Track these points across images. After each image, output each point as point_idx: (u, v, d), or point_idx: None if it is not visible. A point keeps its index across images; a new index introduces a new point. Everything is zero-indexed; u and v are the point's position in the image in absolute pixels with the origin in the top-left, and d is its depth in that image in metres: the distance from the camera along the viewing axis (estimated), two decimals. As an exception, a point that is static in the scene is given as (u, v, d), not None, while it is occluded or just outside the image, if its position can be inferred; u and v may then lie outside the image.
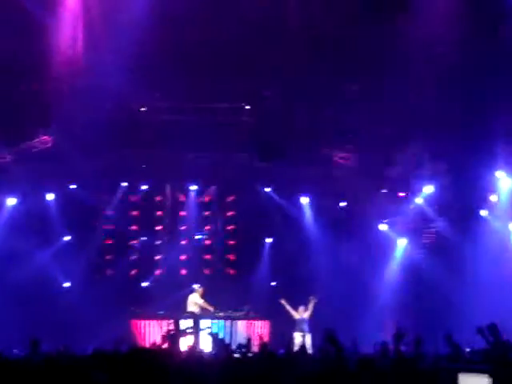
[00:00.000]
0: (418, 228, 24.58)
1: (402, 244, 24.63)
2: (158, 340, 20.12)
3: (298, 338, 21.33)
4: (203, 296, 22.02)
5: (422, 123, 21.64)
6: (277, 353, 12.14)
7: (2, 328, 20.15)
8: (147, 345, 20.97)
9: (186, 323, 20.90)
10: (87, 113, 22.11)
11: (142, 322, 22.32)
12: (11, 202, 23.83)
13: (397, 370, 7.92)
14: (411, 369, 8.02)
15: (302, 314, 22.12)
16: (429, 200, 23.93)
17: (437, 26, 20.02)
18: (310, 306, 22.06)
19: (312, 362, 10.30)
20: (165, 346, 14.46)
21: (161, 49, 20.96)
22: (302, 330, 21.88)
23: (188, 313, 21.58)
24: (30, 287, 23.28)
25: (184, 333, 19.64)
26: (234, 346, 16.94)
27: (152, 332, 22.02)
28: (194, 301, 21.89)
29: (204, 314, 21.79)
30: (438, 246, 24.23)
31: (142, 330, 22.28)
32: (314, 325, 21.65)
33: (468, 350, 13.31)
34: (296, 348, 15.64)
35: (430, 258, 24.13)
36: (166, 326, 20.91)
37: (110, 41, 20.26)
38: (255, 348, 14.75)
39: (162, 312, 22.33)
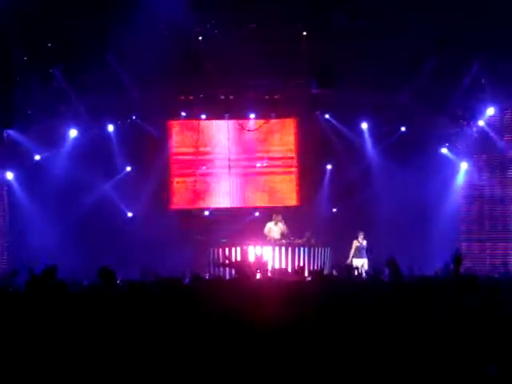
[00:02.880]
0: (480, 151, 24.24)
1: (464, 167, 24.38)
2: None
3: (356, 264, 21.47)
4: (279, 223, 22.74)
5: (483, 45, 21.23)
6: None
7: (67, 258, 20.54)
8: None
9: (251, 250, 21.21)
10: (144, 43, 22.11)
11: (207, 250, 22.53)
12: (73, 133, 24.10)
13: (458, 290, 7.94)
14: (473, 288, 8.03)
15: (361, 240, 22.23)
16: (491, 122, 23.60)
17: None
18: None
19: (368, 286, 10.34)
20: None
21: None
22: (361, 257, 22.01)
23: (266, 238, 22.35)
24: (94, 218, 23.69)
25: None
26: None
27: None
28: (270, 227, 22.70)
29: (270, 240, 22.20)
30: (501, 168, 23.89)
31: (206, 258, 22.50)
32: (374, 250, 21.79)
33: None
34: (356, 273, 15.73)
35: (492, 180, 23.88)
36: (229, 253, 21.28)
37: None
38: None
39: (224, 240, 22.54)
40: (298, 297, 7.28)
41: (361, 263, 21.50)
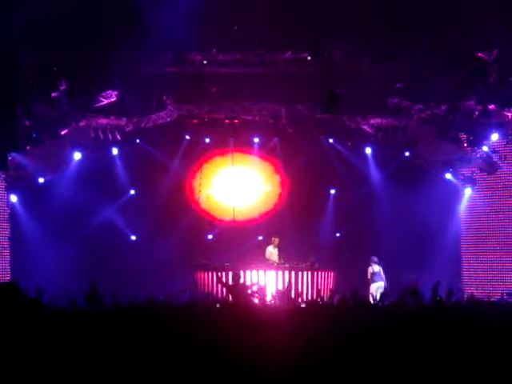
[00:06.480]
0: (484, 176, 24.20)
1: (468, 193, 24.32)
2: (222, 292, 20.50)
3: (373, 289, 21.39)
4: (278, 246, 22.68)
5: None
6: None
7: (70, 281, 20.49)
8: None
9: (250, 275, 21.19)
10: (148, 66, 22.24)
11: (207, 274, 22.45)
12: (77, 156, 24.07)
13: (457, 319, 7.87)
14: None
15: (374, 266, 22.19)
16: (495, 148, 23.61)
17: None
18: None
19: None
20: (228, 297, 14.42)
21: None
22: (375, 281, 21.93)
23: (268, 262, 22.33)
24: (97, 241, 23.66)
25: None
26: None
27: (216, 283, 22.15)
28: (270, 251, 22.62)
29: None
30: (505, 194, 23.86)
31: (207, 282, 22.43)
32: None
33: None
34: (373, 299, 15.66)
35: (495, 205, 23.84)
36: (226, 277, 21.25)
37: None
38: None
39: (228, 263, 22.45)
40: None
41: (377, 286, 21.45)
